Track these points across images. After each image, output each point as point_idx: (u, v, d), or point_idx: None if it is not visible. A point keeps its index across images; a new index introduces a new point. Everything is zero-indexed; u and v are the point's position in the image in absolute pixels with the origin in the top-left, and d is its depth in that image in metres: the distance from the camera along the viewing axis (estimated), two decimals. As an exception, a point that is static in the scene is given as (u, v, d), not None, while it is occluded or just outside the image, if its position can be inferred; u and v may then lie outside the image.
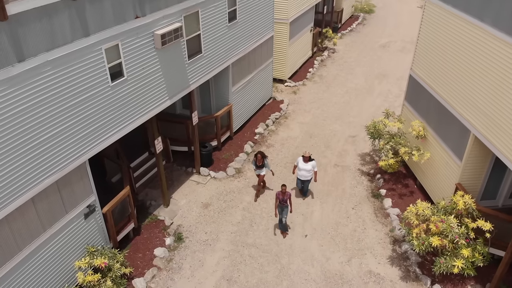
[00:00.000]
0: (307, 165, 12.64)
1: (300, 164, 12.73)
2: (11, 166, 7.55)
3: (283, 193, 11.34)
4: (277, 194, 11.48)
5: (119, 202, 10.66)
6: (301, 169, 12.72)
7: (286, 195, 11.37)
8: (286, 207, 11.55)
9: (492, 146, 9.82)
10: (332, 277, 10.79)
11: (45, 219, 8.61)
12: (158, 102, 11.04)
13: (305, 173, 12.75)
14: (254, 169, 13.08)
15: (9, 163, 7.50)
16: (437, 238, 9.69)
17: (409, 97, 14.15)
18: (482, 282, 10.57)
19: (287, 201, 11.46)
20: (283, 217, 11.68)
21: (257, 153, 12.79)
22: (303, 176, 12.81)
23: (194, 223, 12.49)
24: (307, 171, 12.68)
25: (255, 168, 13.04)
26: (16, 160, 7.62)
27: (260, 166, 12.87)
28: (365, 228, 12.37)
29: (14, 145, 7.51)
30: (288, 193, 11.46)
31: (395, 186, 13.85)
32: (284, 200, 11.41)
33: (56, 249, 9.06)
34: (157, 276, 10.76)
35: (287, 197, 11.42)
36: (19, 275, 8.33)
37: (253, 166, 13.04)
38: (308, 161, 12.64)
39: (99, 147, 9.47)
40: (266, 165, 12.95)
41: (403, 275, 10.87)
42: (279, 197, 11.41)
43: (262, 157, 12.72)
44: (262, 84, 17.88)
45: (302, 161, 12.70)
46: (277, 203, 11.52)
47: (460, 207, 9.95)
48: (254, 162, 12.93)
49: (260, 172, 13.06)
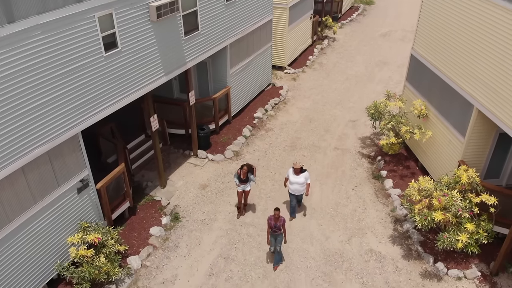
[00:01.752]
0: (299, 178, 10.85)
1: (291, 177, 10.93)
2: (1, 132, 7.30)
3: (276, 218, 9.47)
4: (268, 219, 9.62)
5: (114, 178, 10.41)
6: (293, 183, 10.92)
7: (279, 221, 9.52)
8: (280, 235, 9.71)
9: (496, 119, 9.57)
10: (332, 256, 10.53)
11: (36, 190, 8.36)
12: (153, 78, 10.79)
13: (298, 187, 10.93)
14: (237, 184, 11.06)
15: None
16: (440, 212, 9.43)
17: (410, 77, 13.90)
18: (486, 261, 10.31)
19: (281, 228, 9.60)
20: (277, 246, 9.78)
21: (242, 165, 10.91)
22: (297, 191, 11.00)
23: (191, 203, 12.24)
24: (300, 184, 10.89)
25: (238, 183, 11.04)
26: (5, 126, 7.37)
27: (244, 180, 10.97)
28: (366, 208, 12.11)
29: (2, 110, 7.25)
30: (282, 219, 9.56)
31: (396, 167, 13.59)
32: (277, 227, 9.55)
33: (47, 223, 8.80)
34: (152, 255, 10.51)
35: (280, 223, 9.53)
36: (9, 247, 8.08)
37: (236, 180, 11.04)
38: (300, 173, 10.88)
39: (92, 119, 9.23)
40: (251, 179, 11.03)
41: (404, 253, 10.62)
42: (271, 223, 9.54)
43: (247, 171, 10.82)
44: (261, 69, 17.62)
45: (293, 174, 10.94)
46: (269, 229, 9.69)
47: (463, 181, 9.68)
48: (237, 175, 10.97)
49: (244, 188, 11.15)
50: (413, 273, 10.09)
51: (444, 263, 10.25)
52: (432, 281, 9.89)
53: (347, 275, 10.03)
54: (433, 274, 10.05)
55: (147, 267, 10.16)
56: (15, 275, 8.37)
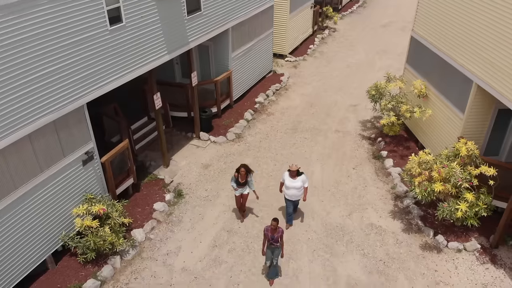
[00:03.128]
0: (296, 182, 9.92)
1: (287, 182, 9.97)
2: (7, 98, 7.45)
3: (273, 229, 8.57)
4: (265, 230, 8.71)
5: (118, 153, 10.57)
6: (290, 187, 9.96)
7: (277, 233, 8.63)
8: (277, 248, 8.83)
9: (495, 92, 9.70)
10: (333, 229, 10.68)
11: (42, 159, 8.51)
12: (156, 55, 10.94)
13: (295, 192, 10.01)
14: (234, 188, 10.29)
15: (6, 94, 7.40)
16: (440, 183, 9.57)
17: (411, 59, 14.05)
18: (486, 234, 10.44)
19: (278, 241, 8.71)
20: (274, 259, 8.89)
21: (240, 167, 9.97)
22: (294, 196, 10.08)
23: (194, 181, 12.39)
24: (298, 189, 9.97)
25: (235, 187, 10.27)
26: (12, 92, 7.51)
27: (243, 183, 10.20)
28: (366, 186, 12.26)
29: (11, 75, 7.41)
30: (280, 230, 8.67)
31: (396, 148, 13.73)
32: (275, 239, 8.66)
33: (53, 193, 8.95)
34: (156, 228, 10.66)
35: (278, 235, 8.64)
36: (16, 214, 8.22)
37: (233, 184, 10.25)
38: (296, 176, 9.97)
39: (97, 92, 9.37)
40: (250, 183, 10.24)
41: (405, 227, 10.76)
42: (268, 234, 8.66)
43: (246, 172, 9.99)
44: (263, 55, 17.77)
45: (289, 177, 9.99)
46: (266, 241, 8.81)
47: (462, 154, 9.82)
48: (234, 179, 10.15)
49: (243, 191, 10.33)
50: (413, 245, 10.23)
51: (444, 236, 10.39)
52: (432, 253, 10.03)
53: (348, 247, 10.17)
54: (433, 247, 10.18)
55: (151, 239, 10.32)
56: (21, 244, 8.51)
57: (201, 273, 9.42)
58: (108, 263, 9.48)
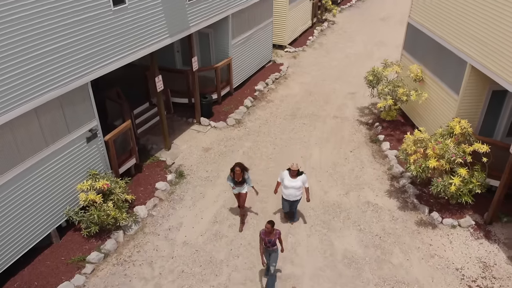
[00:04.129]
0: (295, 181, 9.54)
1: (287, 181, 9.56)
2: (14, 71, 7.71)
3: (269, 232, 8.07)
4: (261, 233, 8.18)
5: (121, 132, 10.83)
6: (288, 187, 9.57)
7: (274, 236, 8.16)
8: (275, 251, 8.32)
9: (487, 71, 9.96)
10: (330, 207, 10.94)
11: (48, 133, 8.78)
12: (158, 38, 11.20)
13: (294, 192, 9.63)
14: (232, 187, 9.87)
15: (13, 67, 7.67)
16: (434, 160, 9.83)
17: (407, 45, 14.33)
18: (480, 212, 10.68)
19: (275, 244, 8.25)
20: (271, 265, 8.37)
21: (234, 166, 9.58)
22: (291, 196, 9.69)
23: (195, 163, 12.66)
24: (297, 189, 9.60)
25: (233, 186, 9.86)
26: (19, 66, 7.77)
27: (240, 182, 9.81)
28: (363, 167, 12.52)
29: (19, 49, 7.67)
30: (277, 232, 8.21)
31: (393, 132, 13.99)
32: (272, 242, 8.15)
33: (58, 167, 9.22)
34: (158, 206, 10.93)
35: (275, 238, 8.16)
36: (21, 186, 8.48)
37: (230, 183, 9.85)
38: (297, 176, 9.59)
39: (100, 71, 9.63)
40: (247, 181, 9.92)
41: (401, 205, 11.01)
42: (264, 238, 8.16)
43: (241, 171, 9.59)
44: (262, 44, 18.03)
45: (289, 176, 9.57)
46: (263, 245, 8.28)
47: (456, 132, 10.08)
48: (231, 178, 9.76)
49: (241, 190, 9.92)
50: (409, 221, 10.49)
51: (439, 213, 10.63)
52: (427, 228, 10.29)
53: (345, 223, 10.43)
54: (428, 223, 10.44)
55: (153, 216, 10.58)
56: (27, 216, 8.78)
57: (202, 247, 9.68)
58: (111, 237, 9.74)
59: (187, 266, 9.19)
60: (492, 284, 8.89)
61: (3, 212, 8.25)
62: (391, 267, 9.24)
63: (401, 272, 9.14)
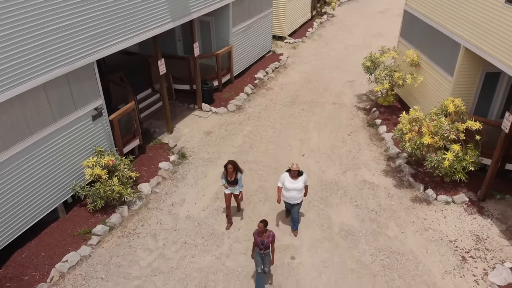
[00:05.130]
0: (297, 183, 9.00)
1: (288, 183, 9.00)
2: (26, 46, 8.05)
3: (261, 232, 7.64)
4: (255, 233, 7.79)
5: (125, 113, 11.17)
6: (290, 189, 9.02)
7: (266, 237, 7.70)
8: (267, 255, 7.92)
9: (480, 51, 10.28)
10: (328, 185, 11.27)
11: (55, 109, 9.12)
12: (161, 22, 11.52)
13: (296, 194, 9.07)
14: (225, 185, 9.48)
15: (24, 42, 8.00)
16: (429, 137, 10.16)
17: (404, 32, 14.68)
18: (474, 190, 10.98)
19: (269, 247, 7.78)
20: (265, 267, 8.00)
21: (227, 163, 9.17)
22: (294, 199, 9.12)
23: (197, 145, 12.99)
24: (299, 191, 9.05)
25: (225, 184, 9.46)
26: (28, 42, 8.10)
27: (232, 182, 9.39)
28: (360, 149, 12.85)
29: (30, 25, 8.01)
30: (271, 235, 7.72)
31: (389, 117, 14.32)
32: (264, 244, 7.70)
33: (65, 143, 9.55)
34: (161, 183, 11.27)
35: (268, 241, 7.69)
36: (30, 159, 8.80)
37: (223, 181, 9.47)
38: (298, 176, 9.08)
39: (105, 51, 9.97)
40: (239, 183, 9.46)
41: (396, 183, 11.34)
42: (258, 239, 7.73)
43: (234, 169, 9.20)
44: (262, 33, 18.36)
45: (290, 178, 9.04)
46: (255, 245, 7.87)
47: (450, 110, 10.41)
48: (224, 176, 9.38)
49: (233, 191, 9.56)
50: (404, 198, 10.82)
51: (434, 190, 10.96)
52: (422, 204, 10.61)
53: (342, 199, 10.76)
54: (423, 199, 10.77)
55: (156, 193, 10.92)
56: (36, 188, 9.10)
57: (204, 220, 10.02)
58: (116, 212, 10.08)
59: (190, 238, 9.52)
60: (485, 255, 9.21)
61: (12, 184, 8.58)
62: (386, 239, 9.57)
63: (396, 243, 9.47)
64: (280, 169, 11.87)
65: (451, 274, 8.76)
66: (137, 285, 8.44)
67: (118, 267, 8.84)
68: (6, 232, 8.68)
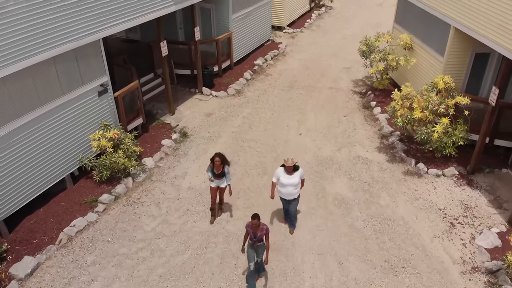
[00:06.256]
0: (293, 178, 8.58)
1: (283, 178, 8.58)
2: (36, 20, 8.53)
3: (256, 227, 7.28)
4: (247, 226, 7.45)
5: (129, 91, 11.66)
6: (286, 185, 8.59)
7: (260, 231, 7.38)
8: (261, 246, 7.59)
9: (469, 30, 10.74)
10: (323, 160, 11.75)
11: (64, 83, 9.61)
12: (164, 4, 12.01)
13: (292, 190, 8.64)
14: (210, 177, 9.10)
15: (35, 16, 8.49)
16: (419, 111, 10.64)
17: (398, 18, 15.16)
18: (464, 165, 11.43)
19: (262, 239, 7.48)
20: (258, 258, 7.69)
21: (214, 156, 8.84)
22: (290, 195, 8.71)
23: (198, 125, 13.48)
24: (295, 186, 8.62)
25: (211, 177, 9.10)
26: (38, 17, 8.57)
27: (219, 175, 9.07)
28: (355, 129, 13.33)
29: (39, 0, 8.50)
30: (264, 228, 7.39)
31: (384, 99, 14.78)
32: (258, 237, 7.40)
33: (72, 116, 10.04)
34: (164, 159, 11.76)
35: (261, 234, 7.39)
36: (39, 129, 9.27)
37: (209, 174, 9.12)
38: (293, 171, 8.61)
39: (111, 30, 10.45)
40: (227, 176, 9.12)
41: (389, 158, 11.82)
42: (250, 231, 7.42)
43: (221, 162, 8.86)
44: (261, 22, 18.86)
45: (285, 173, 8.58)
46: (247, 237, 7.58)
47: (440, 87, 10.88)
48: (210, 169, 9.05)
49: (219, 184, 9.22)
50: (396, 171, 11.30)
51: (425, 165, 11.43)
52: (413, 177, 11.09)
53: (337, 172, 11.25)
54: (414, 173, 11.25)
55: (160, 167, 11.41)
56: (44, 158, 9.58)
57: (206, 191, 10.49)
58: (121, 183, 10.56)
59: (192, 206, 10.01)
60: (472, 222, 9.68)
61: (23, 151, 9.07)
62: (378, 207, 10.05)
63: (388, 211, 9.95)
64: (278, 147, 12.37)
65: (439, 238, 9.24)
66: (141, 246, 8.93)
67: (124, 231, 9.33)
68: (16, 198, 9.15)
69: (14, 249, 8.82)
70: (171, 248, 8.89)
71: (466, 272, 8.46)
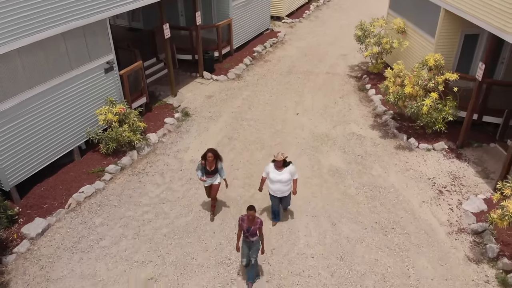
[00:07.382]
0: (282, 174, 8.25)
1: (273, 174, 8.29)
2: (45, 0, 9.12)
3: (250, 220, 7.04)
4: (240, 219, 7.21)
5: (133, 70, 12.20)
6: (275, 181, 8.30)
7: (254, 224, 7.11)
8: (255, 243, 7.32)
9: (459, 11, 11.26)
10: (319, 136, 12.30)
11: (73, 58, 10.16)
12: (166, -12, 12.58)
13: (282, 187, 8.35)
14: (201, 177, 8.61)
15: (45, -6, 9.07)
16: (410, 87, 11.17)
17: (392, 4, 15.71)
18: (453, 140, 11.95)
19: (256, 234, 7.22)
20: (252, 258, 7.38)
21: (206, 152, 8.34)
22: (279, 191, 8.41)
23: (199, 106, 14.03)
24: (284, 183, 8.31)
25: (202, 176, 8.60)
26: (49, -6, 9.17)
27: (212, 172, 8.55)
28: (350, 109, 13.87)
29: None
30: (258, 221, 7.14)
31: (379, 82, 15.22)
32: (251, 231, 7.14)
33: (80, 91, 10.58)
34: (167, 135, 12.31)
35: (255, 228, 7.13)
36: (50, 100, 9.82)
37: (199, 173, 8.60)
38: (283, 167, 8.30)
39: (116, 10, 10.99)
40: (220, 171, 8.66)
41: (382, 135, 12.36)
42: (244, 225, 7.16)
43: (214, 158, 8.35)
44: (261, 10, 19.40)
45: (274, 169, 8.30)
46: (241, 233, 7.30)
47: (430, 64, 11.41)
48: (201, 167, 8.53)
49: (212, 181, 8.75)
50: (388, 146, 11.83)
51: (416, 140, 11.96)
52: (405, 151, 11.62)
53: (331, 147, 11.79)
54: (406, 147, 11.78)
55: (163, 142, 11.96)
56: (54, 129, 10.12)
57: (206, 162, 11.04)
58: (126, 155, 11.10)
59: (194, 176, 10.53)
60: (460, 190, 10.21)
61: (34, 121, 9.61)
62: (370, 177, 10.59)
63: (379, 180, 10.49)
64: (276, 125, 12.90)
65: (428, 203, 9.77)
66: (147, 210, 9.48)
67: (130, 197, 9.87)
68: (28, 165, 9.69)
69: (25, 213, 9.36)
70: (174, 211, 9.44)
71: (452, 232, 8.99)
